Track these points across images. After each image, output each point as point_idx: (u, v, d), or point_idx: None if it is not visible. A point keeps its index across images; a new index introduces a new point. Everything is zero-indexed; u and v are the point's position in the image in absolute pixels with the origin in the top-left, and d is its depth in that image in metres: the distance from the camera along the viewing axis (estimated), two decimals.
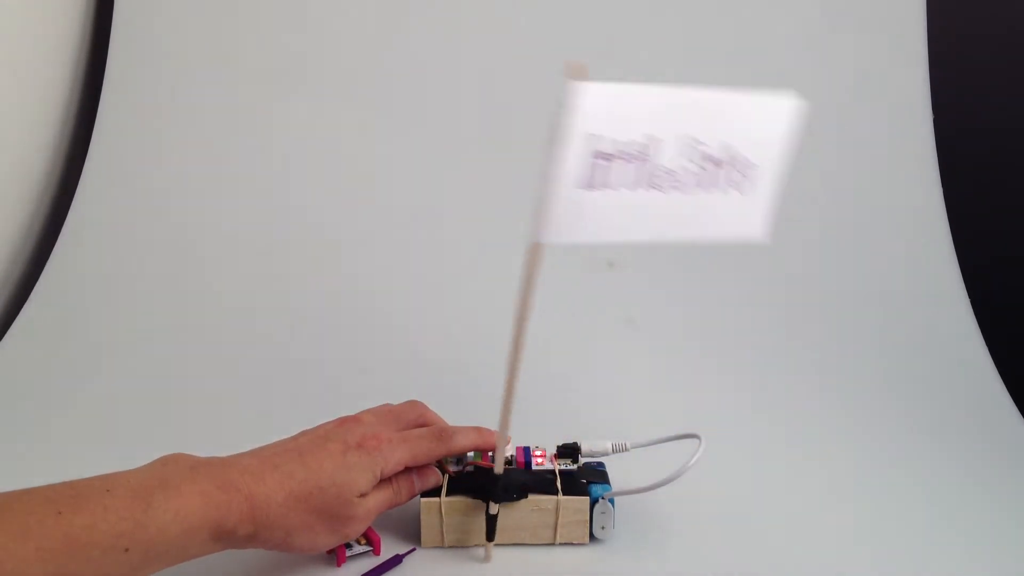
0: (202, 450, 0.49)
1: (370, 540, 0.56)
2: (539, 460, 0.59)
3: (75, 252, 0.89)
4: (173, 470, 0.46)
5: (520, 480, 0.57)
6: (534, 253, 0.48)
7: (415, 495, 0.56)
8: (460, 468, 0.58)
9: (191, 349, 0.81)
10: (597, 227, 0.47)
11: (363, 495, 0.51)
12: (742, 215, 0.51)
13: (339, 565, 0.55)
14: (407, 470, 0.55)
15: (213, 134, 0.96)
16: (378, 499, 0.53)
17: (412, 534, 0.57)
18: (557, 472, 0.58)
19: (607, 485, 0.57)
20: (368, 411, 0.56)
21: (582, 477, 0.58)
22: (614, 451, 0.59)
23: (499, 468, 0.54)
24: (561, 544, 0.57)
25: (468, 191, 0.96)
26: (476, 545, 0.57)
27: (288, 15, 1.00)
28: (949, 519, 0.63)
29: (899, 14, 1.01)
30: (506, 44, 1.01)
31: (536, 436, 0.61)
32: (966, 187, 0.97)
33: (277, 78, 0.98)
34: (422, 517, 0.56)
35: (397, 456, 0.53)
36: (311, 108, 0.98)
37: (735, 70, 1.01)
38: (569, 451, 0.60)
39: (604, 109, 0.45)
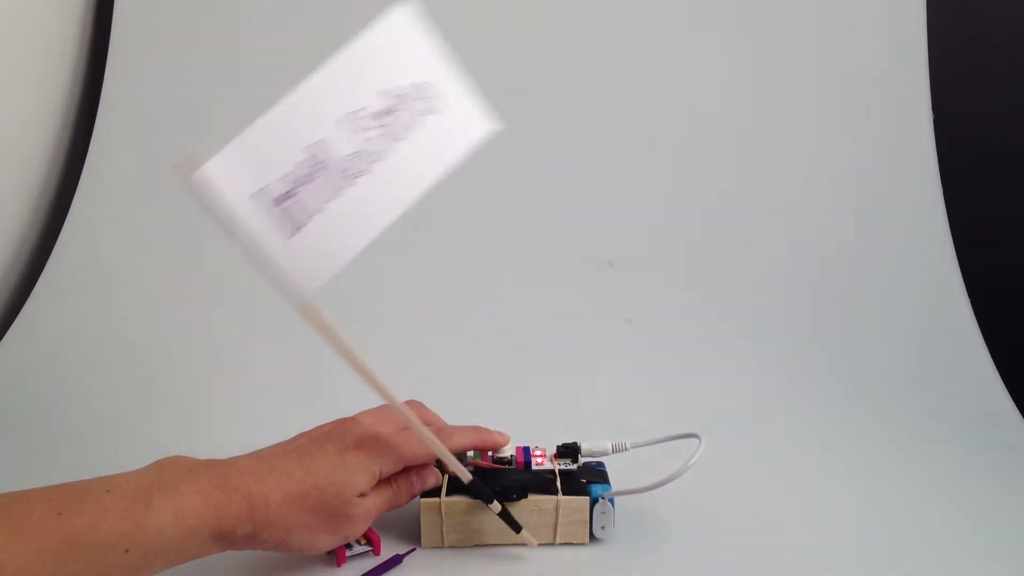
0: (202, 450, 0.49)
1: (370, 540, 0.56)
2: (539, 460, 0.59)
3: (75, 252, 0.89)
4: (172, 471, 0.46)
5: (520, 480, 0.57)
6: (307, 312, 0.46)
7: (415, 495, 0.56)
8: None
9: (191, 349, 0.81)
10: (340, 249, 0.45)
11: (362, 495, 0.51)
12: (458, 125, 0.49)
13: (339, 565, 0.55)
14: (406, 470, 0.55)
15: (213, 134, 0.96)
16: (377, 500, 0.53)
17: (412, 534, 0.57)
18: (557, 472, 0.58)
19: (607, 485, 0.57)
20: (366, 412, 0.56)
21: (582, 477, 0.58)
22: (614, 451, 0.59)
23: (465, 477, 0.55)
24: (561, 544, 0.57)
25: (470, 191, 0.96)
26: (480, 545, 0.57)
27: (288, 15, 1.00)
28: (949, 519, 0.63)
29: (899, 14, 1.01)
30: (508, 44, 1.01)
31: (536, 436, 0.61)
32: (966, 187, 0.97)
33: (277, 77, 0.98)
34: (422, 517, 0.56)
35: (396, 456, 0.53)
36: None
37: (735, 70, 1.01)
38: (569, 451, 0.60)
39: (243, 166, 0.43)
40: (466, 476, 0.55)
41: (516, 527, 0.55)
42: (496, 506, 0.55)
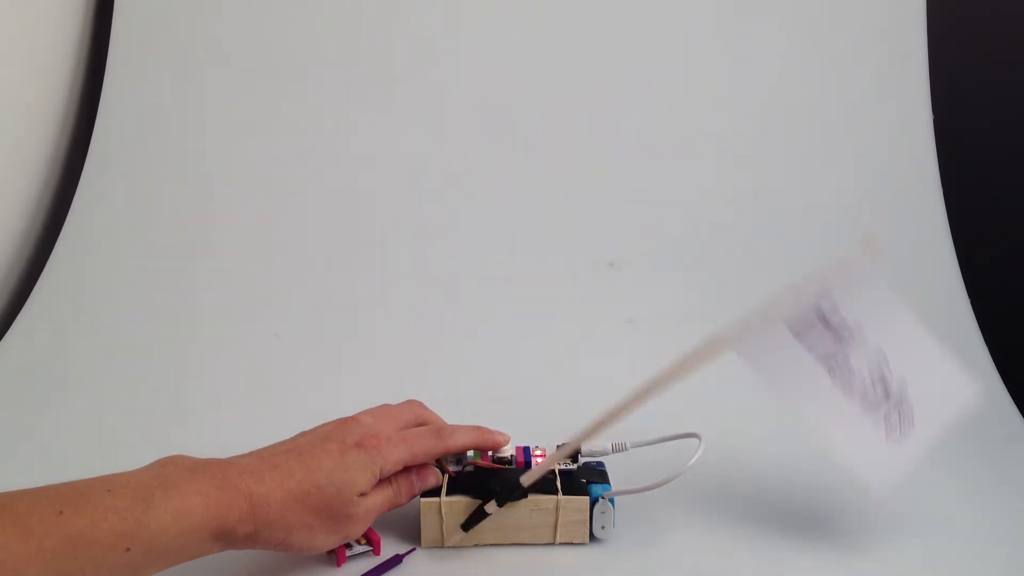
0: (202, 450, 0.49)
1: (370, 540, 0.56)
2: (539, 460, 0.59)
3: (75, 252, 0.89)
4: (173, 471, 0.46)
5: (520, 479, 0.56)
6: (715, 347, 0.49)
7: (415, 495, 0.56)
8: (460, 468, 0.58)
9: (191, 349, 0.81)
10: (767, 368, 0.49)
11: (363, 495, 0.51)
12: (875, 458, 0.51)
13: (339, 565, 0.55)
14: (407, 470, 0.55)
15: (213, 134, 0.97)
16: (378, 499, 0.53)
17: (412, 534, 0.57)
18: (557, 472, 0.58)
19: (607, 485, 0.57)
20: (366, 411, 0.56)
21: (582, 477, 0.58)
22: (614, 451, 0.59)
23: (529, 480, 0.55)
24: (561, 544, 0.57)
25: (473, 190, 0.96)
26: (480, 545, 0.57)
27: (289, 14, 1.00)
28: (948, 519, 0.63)
29: (899, 14, 1.01)
30: (509, 44, 1.01)
31: (536, 436, 0.61)
32: (966, 187, 0.97)
33: (278, 78, 0.98)
34: (422, 517, 0.56)
35: (396, 455, 0.53)
36: (312, 107, 0.98)
37: (735, 70, 1.01)
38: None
39: (855, 286, 0.47)
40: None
41: (467, 527, 0.56)
42: (491, 507, 0.55)
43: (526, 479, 0.55)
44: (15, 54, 0.87)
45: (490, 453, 0.59)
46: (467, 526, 0.56)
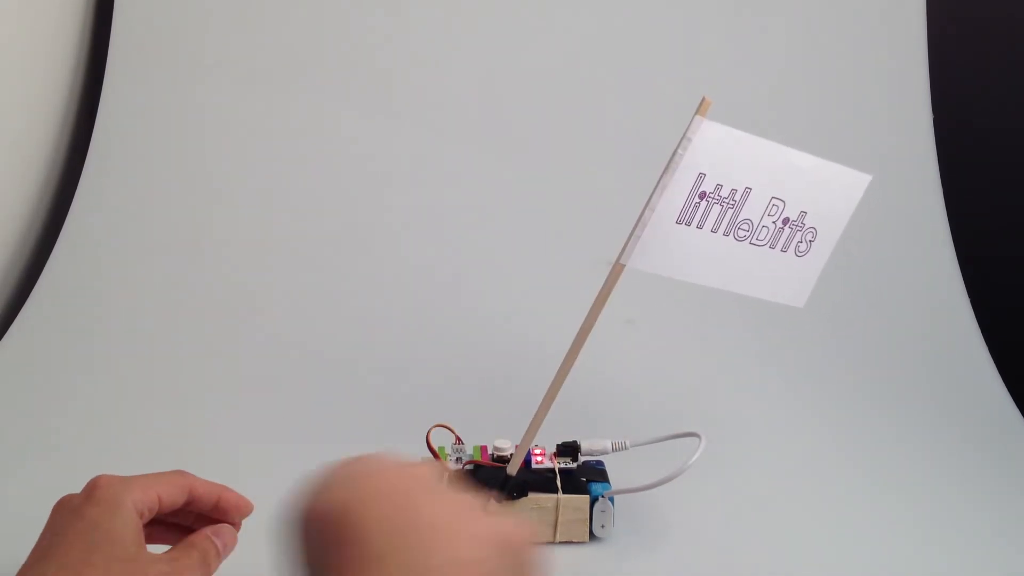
0: (203, 449, 0.49)
1: None
2: (539, 459, 0.59)
3: (75, 252, 0.89)
4: None
5: (520, 478, 0.56)
6: (615, 274, 0.51)
7: (220, 553, 0.46)
8: (460, 467, 0.58)
9: (191, 349, 0.81)
10: (678, 263, 0.50)
11: (143, 546, 0.42)
12: (792, 279, 0.53)
13: None
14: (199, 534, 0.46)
15: (213, 134, 0.96)
16: (176, 553, 0.43)
17: None
18: (557, 471, 0.58)
19: (607, 484, 0.57)
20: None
21: (582, 476, 0.58)
22: (614, 450, 0.59)
23: (514, 469, 0.55)
24: (561, 543, 0.57)
25: (476, 191, 0.96)
26: None
27: (289, 15, 1.00)
28: (949, 519, 0.63)
29: (899, 13, 1.01)
30: (509, 43, 1.01)
31: (536, 435, 0.61)
32: (966, 187, 0.97)
33: (278, 78, 0.98)
34: None
35: (139, 485, 0.43)
36: (312, 107, 0.98)
37: (735, 70, 1.01)
38: (569, 450, 0.60)
39: (719, 150, 0.48)
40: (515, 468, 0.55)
41: None
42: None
43: (512, 468, 0.55)
44: (15, 54, 0.87)
45: (490, 452, 0.59)
46: None
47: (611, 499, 0.57)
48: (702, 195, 0.48)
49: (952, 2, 1.02)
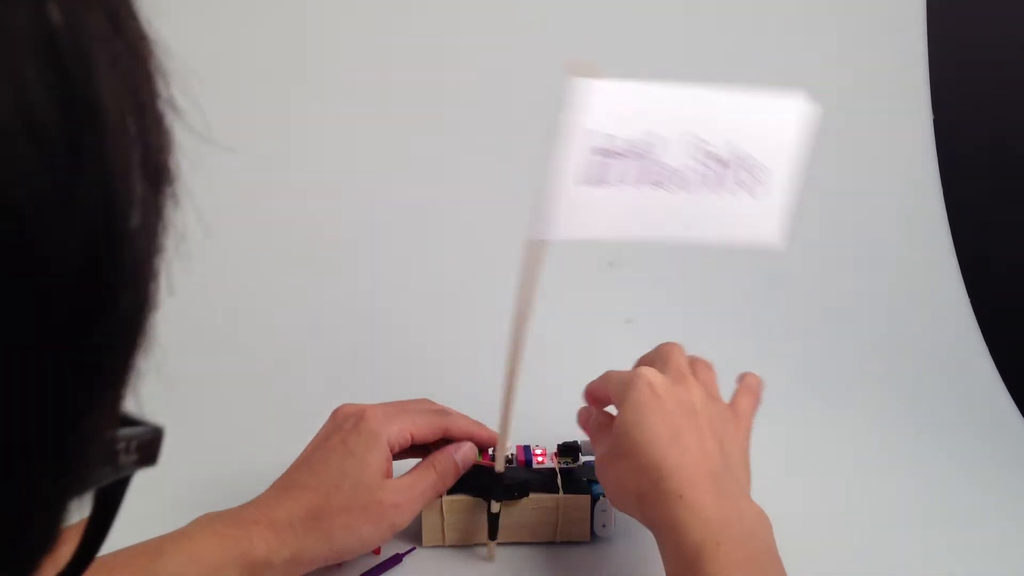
0: (203, 448, 0.49)
1: None
2: (540, 459, 0.59)
3: None
4: (187, 525, 0.46)
5: (521, 478, 0.56)
6: (534, 250, 0.47)
7: (460, 471, 0.54)
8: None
9: (191, 349, 0.81)
10: (598, 224, 0.47)
11: (388, 476, 0.50)
12: (753, 218, 0.50)
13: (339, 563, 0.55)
14: (440, 447, 0.54)
15: (212, 134, 0.96)
16: (411, 479, 0.52)
17: (412, 534, 0.57)
18: (558, 470, 0.58)
19: None
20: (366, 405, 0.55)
21: (583, 475, 0.58)
22: None
23: (500, 467, 0.54)
24: (562, 542, 0.57)
25: (473, 189, 0.96)
26: (477, 544, 0.57)
27: (289, 16, 1.00)
28: (949, 519, 0.63)
29: (899, 14, 1.01)
30: (509, 42, 1.00)
31: (537, 435, 0.60)
32: (966, 187, 0.97)
33: (278, 79, 0.98)
34: (423, 516, 0.56)
35: (397, 424, 0.52)
36: (312, 107, 0.97)
37: (735, 70, 1.01)
38: (570, 449, 0.60)
39: (606, 106, 0.45)
40: (502, 465, 0.54)
41: (493, 535, 0.55)
42: (495, 507, 0.55)
43: (498, 466, 0.55)
44: None
45: (490, 452, 0.59)
46: (492, 535, 0.55)
47: None
48: (607, 153, 0.45)
49: (952, 2, 1.02)
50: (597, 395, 0.56)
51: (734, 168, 0.48)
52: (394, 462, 0.53)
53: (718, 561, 0.41)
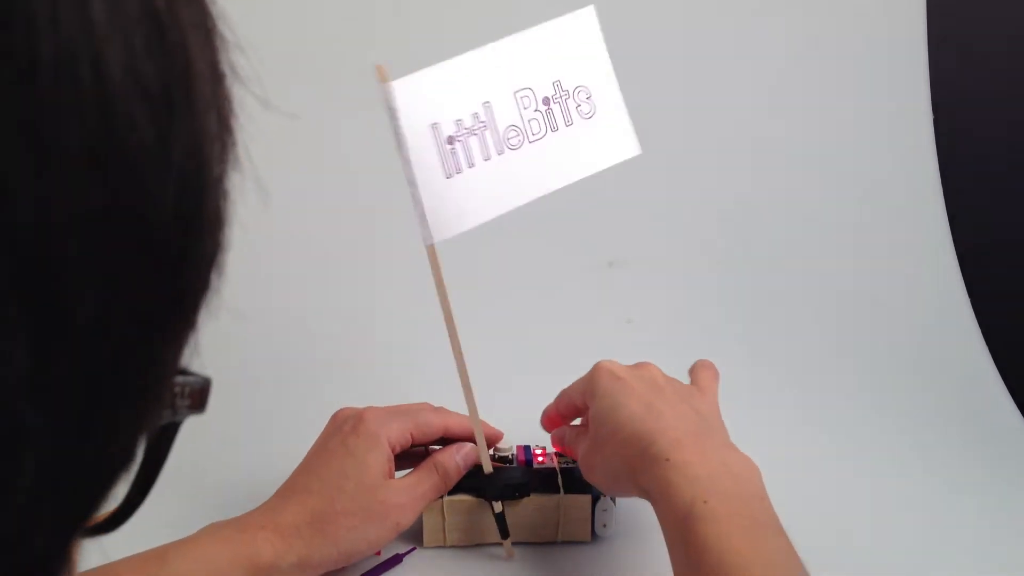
0: (203, 448, 0.49)
1: None
2: (540, 458, 0.59)
3: None
4: (194, 533, 0.46)
5: (522, 478, 0.56)
6: (431, 256, 0.48)
7: (462, 471, 0.54)
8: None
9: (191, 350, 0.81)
10: (477, 209, 0.48)
11: (390, 477, 0.51)
12: (606, 138, 0.50)
13: None
14: (442, 447, 0.54)
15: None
16: (413, 480, 0.52)
17: (412, 534, 0.57)
18: (558, 470, 0.58)
19: None
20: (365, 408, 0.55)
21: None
22: None
23: (487, 468, 0.54)
24: (563, 542, 0.57)
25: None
26: (481, 544, 0.57)
27: (290, 18, 1.00)
28: (949, 519, 0.63)
29: (899, 14, 1.01)
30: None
31: (537, 435, 0.61)
32: (966, 187, 0.97)
33: (278, 79, 0.98)
34: (424, 517, 0.56)
35: (397, 424, 0.52)
36: (312, 108, 0.97)
37: (735, 69, 1.01)
38: None
39: (429, 95, 0.45)
40: (488, 466, 0.54)
41: (505, 533, 0.55)
42: (498, 506, 0.55)
43: (485, 468, 0.55)
44: None
45: (491, 451, 0.59)
46: (504, 534, 0.55)
47: (613, 498, 0.57)
48: (450, 140, 0.46)
49: (952, 2, 1.02)
50: (561, 412, 0.57)
51: (566, 101, 0.48)
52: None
53: (706, 518, 0.42)
